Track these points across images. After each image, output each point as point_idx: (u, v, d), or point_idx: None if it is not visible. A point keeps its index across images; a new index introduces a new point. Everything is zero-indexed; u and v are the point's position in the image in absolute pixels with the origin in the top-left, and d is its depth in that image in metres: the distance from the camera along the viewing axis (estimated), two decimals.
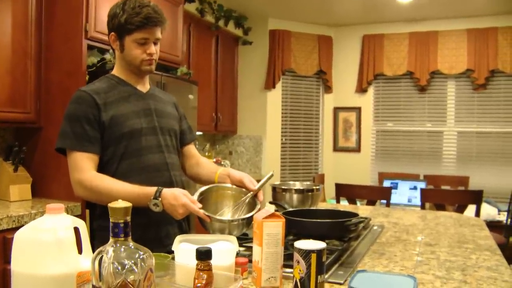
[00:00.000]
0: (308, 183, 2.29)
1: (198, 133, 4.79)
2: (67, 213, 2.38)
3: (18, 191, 2.56)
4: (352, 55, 5.42)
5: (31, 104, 2.60)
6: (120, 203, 0.88)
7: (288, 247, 1.54)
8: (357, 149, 5.44)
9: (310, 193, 2.08)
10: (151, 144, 1.64)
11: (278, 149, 5.29)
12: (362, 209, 2.63)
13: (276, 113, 5.26)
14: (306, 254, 1.15)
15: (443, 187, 4.58)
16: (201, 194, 1.58)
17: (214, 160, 4.82)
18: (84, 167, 1.53)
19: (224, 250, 1.25)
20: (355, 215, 1.69)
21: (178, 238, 1.34)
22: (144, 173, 1.61)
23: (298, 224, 1.60)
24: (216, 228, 1.46)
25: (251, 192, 1.63)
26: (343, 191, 3.61)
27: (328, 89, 5.48)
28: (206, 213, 1.44)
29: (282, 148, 5.32)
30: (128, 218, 0.89)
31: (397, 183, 4.01)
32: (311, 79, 5.46)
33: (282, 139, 5.32)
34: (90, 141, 1.54)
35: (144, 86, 1.73)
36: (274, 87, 5.17)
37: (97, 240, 1.61)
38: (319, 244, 1.18)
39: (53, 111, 2.64)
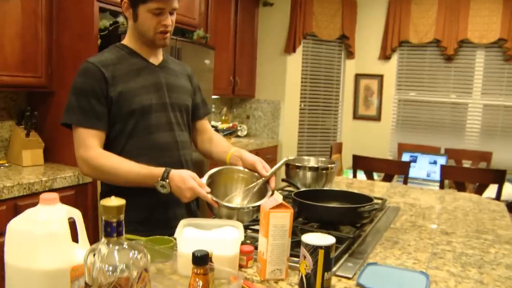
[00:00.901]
0: (323, 159, 2.22)
1: (214, 96, 4.71)
2: (78, 180, 2.39)
3: (31, 156, 2.54)
4: (377, 20, 5.19)
5: (42, 68, 2.53)
6: (113, 201, 0.82)
7: (297, 232, 1.49)
8: (377, 118, 5.30)
9: (324, 171, 2.01)
10: (161, 121, 1.57)
11: (296, 115, 5.19)
12: (378, 186, 2.56)
13: (295, 78, 5.12)
14: (313, 250, 1.09)
15: (464, 162, 4.46)
16: (210, 176, 1.51)
17: (231, 124, 4.75)
18: (90, 144, 1.47)
19: (228, 240, 1.20)
20: (369, 200, 1.62)
21: (182, 222, 1.29)
22: (152, 152, 1.55)
23: (309, 208, 1.54)
24: (224, 214, 1.41)
25: (263, 178, 1.55)
26: (360, 163, 3.52)
27: (350, 54, 5.30)
28: (214, 199, 1.38)
29: (300, 114, 5.21)
30: (122, 217, 0.84)
31: (416, 157, 3.90)
32: (333, 44, 5.27)
33: (300, 105, 5.21)
34: (97, 117, 1.48)
35: (157, 58, 1.65)
36: (294, 51, 5.01)
37: None
38: (328, 239, 1.12)
39: (64, 76, 2.58)
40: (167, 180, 1.41)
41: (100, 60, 1.52)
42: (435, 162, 3.79)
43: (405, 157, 3.95)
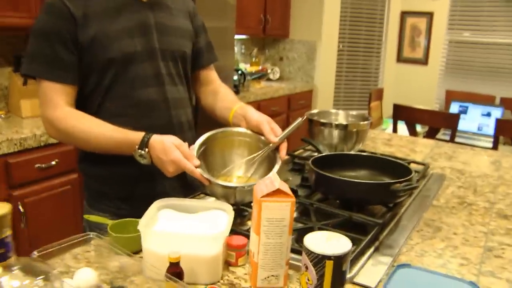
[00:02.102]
0: (355, 113, 1.85)
1: (242, 36, 4.31)
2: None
3: (30, 107, 2.30)
4: None
5: (36, 7, 2.22)
6: None
7: (310, 213, 1.18)
8: (424, 61, 4.77)
9: (355, 130, 1.65)
10: (147, 73, 1.24)
11: (334, 57, 4.74)
12: (421, 145, 2.18)
13: (334, 16, 4.62)
14: (318, 260, 0.78)
15: None
16: (204, 143, 1.19)
17: (261, 67, 4.38)
18: (56, 101, 1.17)
19: (208, 237, 0.90)
20: (407, 171, 1.27)
21: (156, 204, 1.00)
22: (135, 112, 1.24)
23: (329, 181, 1.22)
24: (219, 193, 1.10)
25: (271, 145, 1.19)
26: (402, 113, 3.12)
27: None
28: (205, 175, 1.07)
29: (338, 56, 4.76)
30: (7, 232, 0.53)
31: (467, 107, 3.44)
32: None
33: (339, 46, 4.74)
34: (64, 67, 1.17)
35: None
36: None
37: (86, 187, 1.32)
38: (341, 244, 0.80)
39: None
40: (146, 149, 1.11)
41: None
42: (488, 114, 3.33)
43: (454, 108, 3.50)
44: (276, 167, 1.12)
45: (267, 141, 1.20)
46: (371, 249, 1.06)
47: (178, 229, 0.93)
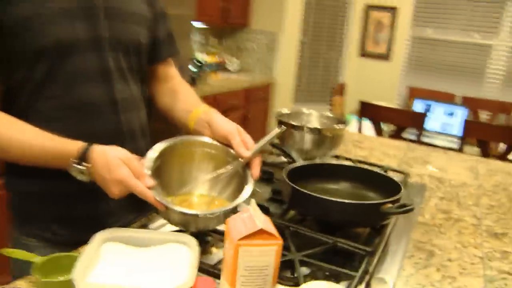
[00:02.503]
0: (329, 114, 1.68)
1: (200, 25, 4.07)
2: None
3: None
4: None
5: None
6: None
7: (287, 239, 0.99)
8: (387, 57, 4.70)
9: (329, 135, 1.48)
10: (91, 67, 0.99)
11: (295, 49, 4.57)
12: (392, 147, 2.05)
13: (297, 6, 4.45)
14: None
15: (482, 113, 3.93)
16: (161, 154, 0.97)
17: (219, 58, 4.15)
18: None
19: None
20: (395, 186, 1.11)
21: (98, 237, 0.78)
22: (74, 116, 0.99)
23: (309, 201, 1.04)
24: (177, 220, 0.89)
25: (241, 160, 0.98)
26: (368, 111, 3.00)
27: None
28: (159, 199, 0.85)
29: (300, 48, 4.60)
30: None
31: (430, 105, 3.36)
32: None
33: (301, 38, 4.58)
34: None
35: None
36: None
37: (12, 206, 1.07)
38: None
39: None
40: (84, 164, 0.88)
41: None
42: (451, 114, 3.26)
43: (418, 106, 3.42)
44: (248, 188, 0.92)
45: (237, 155, 0.99)
46: (363, 286, 0.89)
47: (124, 278, 0.72)
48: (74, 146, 0.89)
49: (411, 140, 2.86)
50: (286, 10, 4.42)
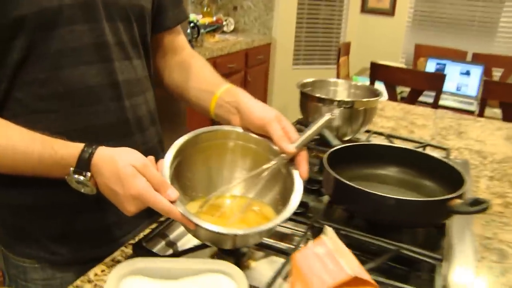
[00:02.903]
0: (359, 83, 1.49)
1: None
2: None
3: None
4: None
5: None
6: None
7: None
8: (391, 12, 4.44)
9: (362, 109, 1.29)
10: (82, 42, 0.77)
11: (294, 6, 4.29)
12: (418, 115, 1.87)
13: None
14: None
15: (495, 70, 3.73)
16: (179, 152, 0.75)
17: (215, 18, 3.87)
18: None
19: None
20: (452, 171, 0.94)
21: (116, 273, 0.60)
22: (65, 106, 0.78)
23: (359, 197, 0.86)
24: (208, 237, 0.70)
25: (283, 155, 0.77)
26: (380, 73, 2.79)
27: None
28: (187, 215, 0.65)
29: (299, 4, 4.32)
30: None
31: (444, 65, 3.16)
32: None
33: None
34: None
35: None
36: None
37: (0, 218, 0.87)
38: None
39: None
40: (88, 173, 0.68)
41: None
42: (467, 73, 3.07)
43: (431, 65, 3.21)
44: (297, 194, 0.73)
45: (279, 150, 0.78)
46: None
47: None
48: (71, 149, 0.69)
49: (426, 104, 2.68)
50: None
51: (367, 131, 1.45)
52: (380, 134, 1.46)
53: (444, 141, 1.56)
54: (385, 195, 0.83)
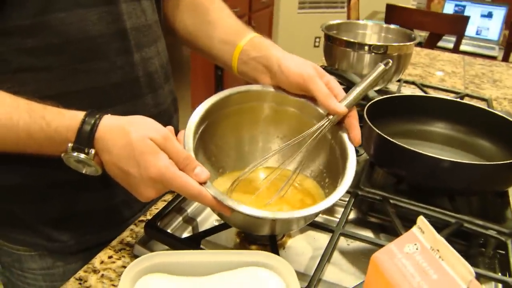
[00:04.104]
0: (391, 26, 1.32)
1: None
2: None
3: None
4: None
5: None
6: None
7: (391, 216, 0.68)
8: None
9: (395, 55, 1.14)
10: None
11: None
12: (447, 61, 1.70)
13: None
14: None
15: None
16: (204, 119, 0.60)
17: None
18: None
19: None
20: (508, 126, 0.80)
21: (130, 271, 0.46)
22: (59, 62, 0.61)
23: (409, 159, 0.72)
24: (244, 226, 0.58)
25: (331, 117, 0.61)
26: (396, 16, 2.59)
27: None
28: (222, 198, 0.51)
29: None
30: None
31: (464, 7, 2.95)
32: None
33: None
34: None
35: None
36: None
37: None
38: None
39: None
40: (91, 150, 0.53)
41: None
42: (489, 15, 2.86)
43: (449, 7, 3.00)
44: (351, 166, 0.59)
45: (325, 109, 0.63)
46: None
47: None
48: (68, 121, 0.53)
49: (446, 49, 2.50)
50: None
51: (398, 80, 1.30)
52: (412, 83, 1.31)
53: (480, 91, 1.41)
54: (442, 157, 0.69)
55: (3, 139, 0.54)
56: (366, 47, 1.13)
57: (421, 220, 0.37)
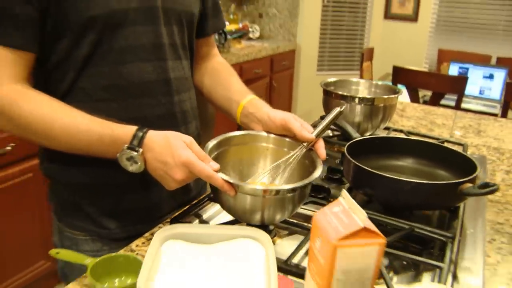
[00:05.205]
0: (379, 82, 1.56)
1: None
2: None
3: None
4: None
5: None
6: None
7: None
8: (414, 18, 4.48)
9: (382, 105, 1.36)
10: (143, 41, 0.89)
11: (318, 13, 4.38)
12: (440, 116, 1.92)
13: None
14: None
15: None
16: (219, 145, 0.89)
17: (241, 25, 3.98)
18: (3, 74, 0.80)
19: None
20: (469, 164, 1.00)
21: (158, 236, 0.69)
22: (123, 97, 0.89)
23: (377, 181, 0.93)
24: (244, 209, 0.79)
25: (304, 144, 0.88)
26: (402, 76, 2.85)
27: None
28: (228, 179, 0.75)
29: (323, 11, 4.40)
30: None
31: (467, 69, 3.19)
32: None
33: (323, 1, 4.38)
34: (17, 24, 0.79)
35: None
36: None
37: (52, 195, 0.98)
38: None
39: None
40: (140, 150, 0.78)
41: None
42: (491, 77, 3.09)
43: (453, 69, 3.25)
44: (319, 169, 0.83)
45: (300, 139, 0.89)
46: (449, 278, 0.79)
47: (192, 284, 0.62)
48: (127, 130, 0.80)
49: (449, 107, 2.72)
50: None
51: (387, 128, 1.52)
52: (400, 131, 1.53)
53: (463, 139, 1.61)
54: (401, 178, 0.91)
55: (83, 141, 0.81)
56: (357, 99, 1.36)
57: (344, 192, 0.59)
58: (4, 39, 0.79)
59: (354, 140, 1.11)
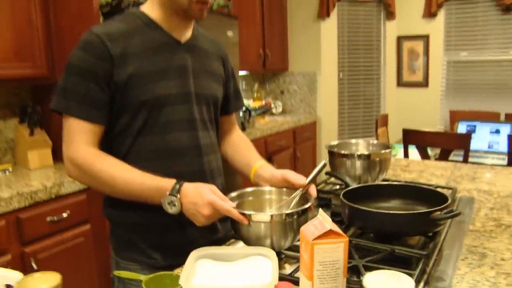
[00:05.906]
0: (375, 141, 1.83)
1: (243, 72, 4.34)
2: None
3: (38, 157, 2.26)
4: None
5: (41, 56, 2.23)
6: None
7: (351, 252, 1.13)
8: (425, 84, 4.80)
9: (377, 159, 1.62)
10: (180, 117, 1.23)
11: (335, 86, 4.76)
12: (439, 168, 2.15)
13: (331, 46, 4.67)
14: None
15: None
16: (238, 196, 1.22)
17: (264, 102, 4.38)
18: (80, 140, 1.14)
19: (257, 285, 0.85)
20: (442, 198, 1.23)
21: (194, 254, 0.96)
22: (166, 158, 1.21)
23: (365, 216, 1.18)
24: (255, 236, 1.06)
25: (300, 189, 1.19)
26: (412, 138, 3.09)
27: (390, 15, 4.78)
28: (243, 211, 1.05)
29: (339, 85, 4.78)
30: None
31: (475, 126, 3.42)
32: (371, 5, 4.77)
33: (339, 75, 4.77)
34: (95, 106, 1.14)
35: (184, 33, 1.26)
36: (328, 16, 4.55)
37: (113, 235, 1.27)
38: (405, 284, 0.76)
39: None
40: (178, 196, 1.08)
41: (107, 31, 1.15)
42: (497, 131, 3.31)
43: (462, 128, 3.48)
44: (311, 202, 1.11)
45: (296, 185, 1.20)
46: (421, 284, 1.01)
47: (220, 282, 0.88)
48: (168, 182, 1.10)
49: (457, 161, 2.92)
50: (321, 51, 4.64)
51: (386, 181, 1.76)
52: (399, 181, 1.77)
53: (457, 185, 1.83)
54: (383, 211, 1.16)
55: (137, 190, 1.11)
56: (356, 156, 1.63)
57: (321, 212, 0.85)
58: (89, 116, 1.14)
59: (350, 188, 1.37)
